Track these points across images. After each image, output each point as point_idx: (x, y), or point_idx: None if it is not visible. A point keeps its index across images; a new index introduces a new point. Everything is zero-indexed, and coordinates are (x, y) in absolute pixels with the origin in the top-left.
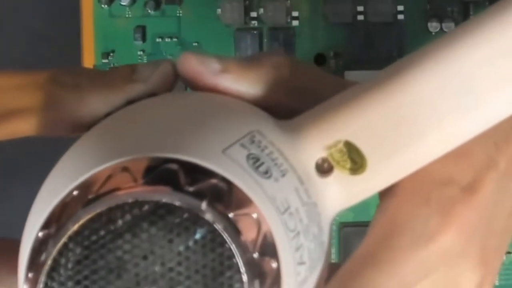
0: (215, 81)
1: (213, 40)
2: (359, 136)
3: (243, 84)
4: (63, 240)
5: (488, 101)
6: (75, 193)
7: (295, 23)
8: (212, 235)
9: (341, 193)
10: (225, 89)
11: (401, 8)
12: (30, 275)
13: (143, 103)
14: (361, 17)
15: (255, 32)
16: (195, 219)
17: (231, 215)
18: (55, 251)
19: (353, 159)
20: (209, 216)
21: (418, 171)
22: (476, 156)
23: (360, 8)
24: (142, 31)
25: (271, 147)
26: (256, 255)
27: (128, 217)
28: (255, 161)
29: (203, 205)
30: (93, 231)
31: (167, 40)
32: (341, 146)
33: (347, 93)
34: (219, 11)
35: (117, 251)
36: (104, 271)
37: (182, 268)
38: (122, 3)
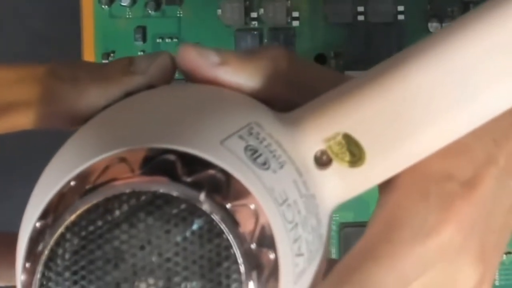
0: (214, 73)
1: (213, 40)
2: (357, 128)
3: (242, 76)
4: (60, 230)
5: (486, 94)
6: (73, 183)
7: (295, 24)
8: (209, 226)
9: (340, 186)
10: (224, 81)
11: (401, 8)
12: (27, 265)
13: (141, 95)
14: (361, 17)
15: (255, 32)
16: (193, 209)
17: (228, 206)
18: (52, 241)
19: (351, 152)
20: (206, 206)
21: (417, 167)
22: (475, 152)
23: (360, 8)
24: (142, 31)
25: (270, 139)
26: (253, 246)
27: (125, 207)
28: (253, 153)
29: (201, 196)
30: (90, 221)
31: (167, 40)
32: (340, 138)
33: (346, 86)
34: (219, 11)
35: (114, 242)
36: (101, 261)
37: (179, 258)
38: (122, 4)
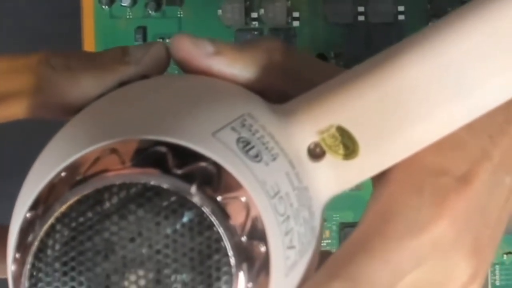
0: (208, 63)
1: None
2: (351, 121)
3: (236, 67)
4: (51, 221)
5: (481, 87)
6: (63, 174)
7: (295, 24)
8: (200, 218)
9: (333, 178)
10: (218, 71)
11: (401, 8)
12: (17, 255)
13: (134, 86)
14: (361, 18)
15: (255, 32)
16: (183, 202)
17: (219, 198)
18: (42, 232)
19: (345, 144)
20: (197, 199)
21: (412, 160)
22: (470, 148)
23: (360, 8)
24: (143, 32)
25: (262, 131)
26: (244, 239)
27: (115, 199)
28: (245, 145)
29: (192, 188)
30: (80, 212)
31: (168, 41)
32: (333, 131)
33: (340, 78)
34: (219, 12)
35: (105, 233)
36: (91, 253)
37: (169, 250)
38: (122, 4)
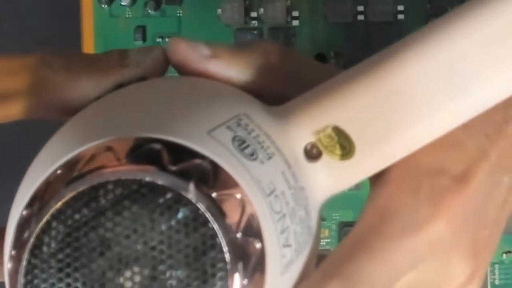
0: (204, 66)
1: (213, 40)
2: (347, 121)
3: (232, 69)
4: (46, 218)
5: (479, 86)
6: (59, 172)
7: (295, 23)
8: (195, 215)
9: (330, 178)
10: (215, 74)
11: (401, 8)
12: (13, 252)
13: (132, 87)
14: (361, 17)
15: (255, 32)
16: (178, 198)
17: (214, 195)
18: (38, 228)
19: (341, 145)
20: (192, 195)
21: (409, 160)
22: (468, 147)
23: (360, 8)
24: (142, 31)
25: (258, 130)
26: (239, 235)
27: (111, 195)
28: (240, 143)
29: (187, 185)
30: (76, 209)
31: (167, 40)
32: (329, 131)
33: (336, 79)
34: (219, 11)
35: (100, 230)
36: (86, 249)
37: (164, 247)
38: (122, 3)
